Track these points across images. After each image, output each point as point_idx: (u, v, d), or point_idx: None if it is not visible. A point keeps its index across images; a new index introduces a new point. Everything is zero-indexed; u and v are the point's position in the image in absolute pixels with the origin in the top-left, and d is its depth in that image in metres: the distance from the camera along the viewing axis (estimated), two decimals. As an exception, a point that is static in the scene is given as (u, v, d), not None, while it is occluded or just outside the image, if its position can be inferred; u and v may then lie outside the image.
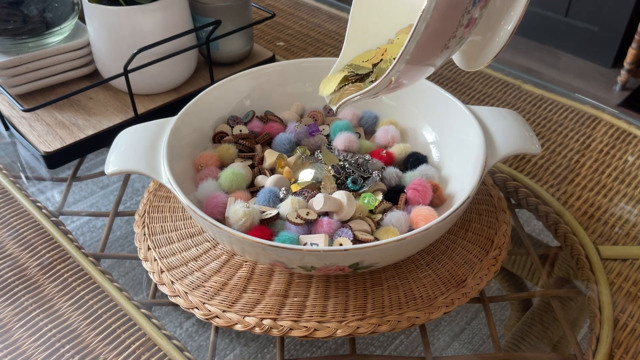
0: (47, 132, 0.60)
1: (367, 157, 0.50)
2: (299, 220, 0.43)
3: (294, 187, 0.47)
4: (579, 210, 0.54)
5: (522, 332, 0.49)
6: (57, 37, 0.64)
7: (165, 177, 0.44)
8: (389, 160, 0.51)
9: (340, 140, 0.52)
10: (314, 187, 0.47)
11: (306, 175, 0.48)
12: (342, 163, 0.49)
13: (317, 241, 0.42)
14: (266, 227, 0.44)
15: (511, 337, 0.50)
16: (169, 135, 0.47)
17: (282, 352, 0.43)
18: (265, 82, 0.57)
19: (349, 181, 0.47)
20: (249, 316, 0.42)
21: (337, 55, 0.78)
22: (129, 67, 0.57)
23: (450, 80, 0.73)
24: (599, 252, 0.50)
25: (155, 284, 0.46)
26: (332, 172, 0.48)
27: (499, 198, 0.52)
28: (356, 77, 0.44)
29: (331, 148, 0.52)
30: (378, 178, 0.48)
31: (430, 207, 0.45)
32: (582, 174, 0.58)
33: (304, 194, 0.46)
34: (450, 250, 0.47)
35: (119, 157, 0.46)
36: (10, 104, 0.64)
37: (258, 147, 0.53)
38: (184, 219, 0.51)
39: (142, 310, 0.45)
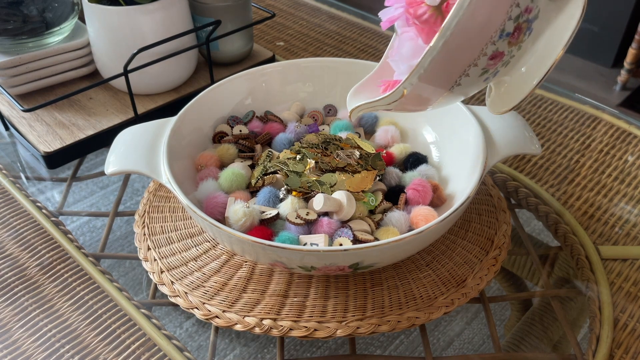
0: (47, 132, 0.60)
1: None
2: (298, 221, 0.43)
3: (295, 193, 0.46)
4: (579, 210, 0.54)
5: (522, 332, 0.49)
6: (57, 37, 0.64)
7: (165, 177, 0.44)
8: (389, 161, 0.51)
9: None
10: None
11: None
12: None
13: (317, 241, 0.42)
14: (266, 227, 0.44)
15: (511, 337, 0.50)
16: (169, 135, 0.47)
17: (282, 352, 0.43)
18: (265, 82, 0.57)
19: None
20: (248, 316, 0.42)
21: (337, 55, 0.78)
22: (129, 67, 0.57)
23: (450, 80, 0.73)
24: (599, 252, 0.50)
25: (155, 284, 0.46)
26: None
27: (499, 198, 0.52)
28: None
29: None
30: (377, 178, 0.48)
31: (430, 207, 0.45)
32: (582, 174, 0.58)
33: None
34: (450, 250, 0.47)
35: (119, 157, 0.46)
36: (10, 104, 0.64)
37: (258, 147, 0.53)
38: (184, 219, 0.51)
39: (142, 311, 0.45)
